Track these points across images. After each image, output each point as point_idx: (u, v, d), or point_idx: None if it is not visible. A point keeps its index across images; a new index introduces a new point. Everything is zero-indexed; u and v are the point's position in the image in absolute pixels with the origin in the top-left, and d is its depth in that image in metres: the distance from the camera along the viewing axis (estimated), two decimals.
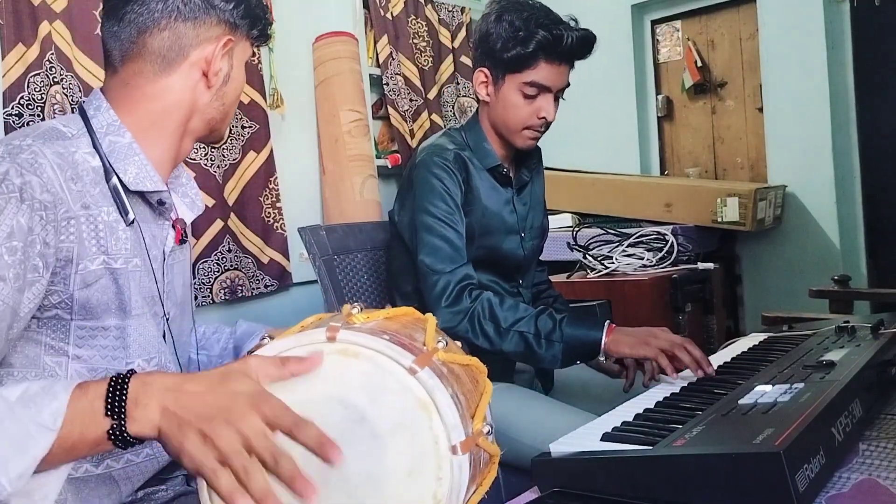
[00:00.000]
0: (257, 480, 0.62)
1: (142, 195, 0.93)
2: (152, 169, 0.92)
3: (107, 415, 0.66)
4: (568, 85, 1.45)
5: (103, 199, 0.87)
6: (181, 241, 1.02)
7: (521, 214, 1.54)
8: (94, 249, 0.86)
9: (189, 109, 0.95)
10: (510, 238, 1.51)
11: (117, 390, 0.66)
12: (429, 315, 0.79)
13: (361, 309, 0.75)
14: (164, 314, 0.97)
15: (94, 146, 0.89)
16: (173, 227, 0.99)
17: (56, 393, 0.67)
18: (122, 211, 0.89)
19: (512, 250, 1.51)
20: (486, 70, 1.44)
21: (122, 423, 0.65)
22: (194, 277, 2.39)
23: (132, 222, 0.90)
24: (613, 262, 2.43)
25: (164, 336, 0.97)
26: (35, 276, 0.80)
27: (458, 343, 0.81)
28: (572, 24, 1.41)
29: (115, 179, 0.88)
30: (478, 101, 1.51)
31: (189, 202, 1.04)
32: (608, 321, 1.29)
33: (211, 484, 0.63)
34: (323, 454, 0.63)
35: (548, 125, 1.45)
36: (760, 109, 3.11)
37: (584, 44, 1.40)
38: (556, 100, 1.45)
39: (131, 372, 0.68)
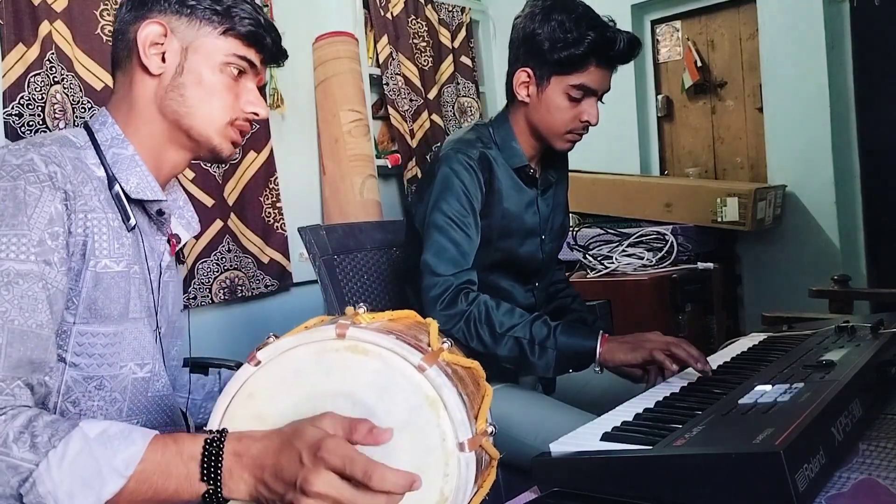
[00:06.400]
0: None
1: (142, 205, 0.96)
2: (153, 179, 0.95)
3: (202, 480, 0.68)
4: (609, 88, 1.42)
5: (108, 206, 0.90)
6: (177, 256, 1.04)
7: (543, 216, 1.51)
8: (100, 252, 0.87)
9: (154, 107, 0.94)
10: (530, 241, 1.49)
11: (212, 457, 0.68)
12: (430, 319, 0.80)
13: (367, 310, 0.75)
14: (157, 326, 0.97)
15: (99, 157, 0.92)
16: (168, 241, 1.01)
17: (134, 440, 0.69)
18: (125, 217, 0.91)
19: (530, 253, 1.49)
20: (529, 70, 1.40)
21: (219, 489, 0.68)
22: (193, 277, 2.39)
23: (133, 227, 0.92)
24: (613, 262, 2.43)
25: (159, 343, 0.98)
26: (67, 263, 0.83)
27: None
28: (612, 26, 1.36)
29: (117, 187, 0.91)
30: (512, 99, 1.46)
31: (185, 223, 1.06)
32: (602, 331, 1.28)
33: None
34: (406, 488, 0.63)
35: (588, 128, 1.43)
36: (760, 109, 3.10)
37: (631, 47, 1.36)
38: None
39: (223, 433, 0.69)
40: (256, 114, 0.98)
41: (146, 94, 0.94)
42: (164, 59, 0.93)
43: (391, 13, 3.12)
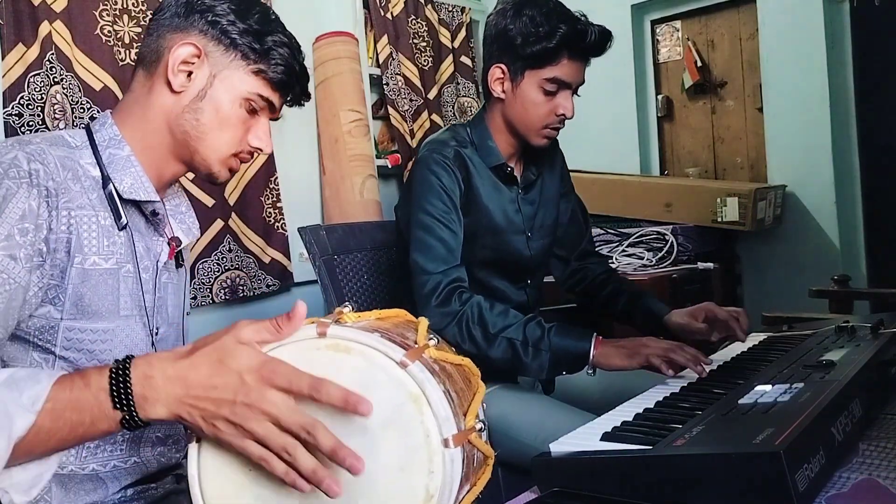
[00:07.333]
0: (303, 459, 0.64)
1: (136, 205, 0.96)
2: (147, 180, 0.95)
3: (115, 408, 0.68)
4: (583, 81, 1.43)
5: (100, 205, 0.91)
6: (176, 259, 1.04)
7: (527, 214, 1.51)
8: (88, 249, 0.88)
9: (164, 119, 0.95)
10: (515, 238, 1.49)
11: (120, 384, 0.68)
12: (422, 318, 0.80)
13: (353, 309, 0.75)
14: (153, 328, 0.98)
15: (95, 157, 0.93)
16: (168, 243, 1.01)
17: (40, 378, 0.69)
18: (116, 215, 0.92)
19: (517, 251, 1.49)
20: (503, 66, 1.41)
21: (133, 413, 0.68)
22: (193, 277, 2.39)
23: (125, 226, 0.93)
24: (613, 262, 2.43)
25: (153, 346, 0.98)
26: (39, 259, 0.83)
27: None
28: (584, 19, 1.38)
29: (111, 186, 0.92)
30: (488, 97, 1.47)
31: (185, 228, 1.07)
32: (595, 333, 1.28)
33: (269, 469, 0.65)
34: (352, 409, 0.63)
35: (564, 122, 1.44)
36: (760, 109, 3.10)
37: (603, 39, 1.38)
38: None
39: (129, 359, 0.69)
40: (261, 149, 1.01)
41: (162, 106, 0.95)
42: (189, 79, 0.94)
43: (391, 13, 3.12)
